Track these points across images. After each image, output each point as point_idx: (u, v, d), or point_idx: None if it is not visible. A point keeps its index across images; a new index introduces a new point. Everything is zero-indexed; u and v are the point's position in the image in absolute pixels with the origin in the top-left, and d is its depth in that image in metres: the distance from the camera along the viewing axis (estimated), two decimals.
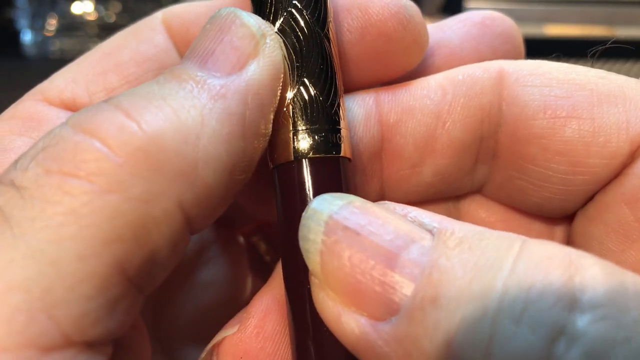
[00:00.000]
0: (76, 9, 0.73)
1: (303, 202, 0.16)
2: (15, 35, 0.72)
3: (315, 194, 0.16)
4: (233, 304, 0.21)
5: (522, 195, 0.18)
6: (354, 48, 0.17)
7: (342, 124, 0.17)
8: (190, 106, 0.13)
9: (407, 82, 0.18)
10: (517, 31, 0.20)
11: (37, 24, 0.72)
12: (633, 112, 0.16)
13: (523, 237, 0.12)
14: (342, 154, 0.16)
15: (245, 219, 0.23)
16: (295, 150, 0.16)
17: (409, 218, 0.13)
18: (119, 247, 0.11)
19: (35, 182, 0.11)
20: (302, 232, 0.13)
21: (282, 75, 0.16)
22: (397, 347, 0.11)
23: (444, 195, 0.19)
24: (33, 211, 0.11)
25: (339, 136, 0.16)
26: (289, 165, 0.16)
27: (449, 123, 0.17)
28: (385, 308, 0.12)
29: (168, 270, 0.14)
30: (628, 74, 0.18)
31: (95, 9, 0.74)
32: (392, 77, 0.18)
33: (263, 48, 0.15)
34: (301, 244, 0.13)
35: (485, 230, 0.12)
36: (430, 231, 0.13)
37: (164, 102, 0.12)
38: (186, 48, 0.18)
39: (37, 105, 0.17)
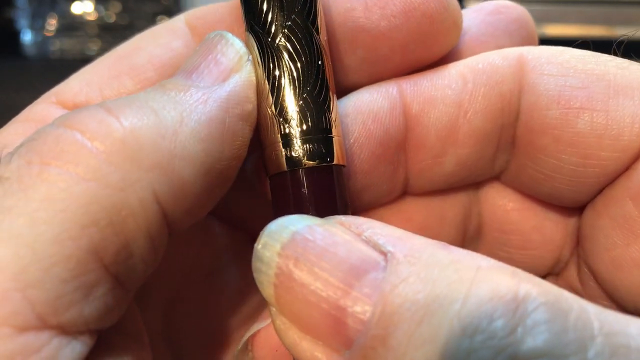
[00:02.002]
0: (76, 9, 0.73)
1: (296, 212, 0.15)
2: (15, 35, 0.72)
3: (309, 204, 0.16)
4: (248, 310, 0.21)
5: (534, 184, 0.19)
6: (399, 32, 0.18)
7: (335, 131, 0.17)
8: (171, 108, 0.14)
9: (428, 71, 0.18)
10: (530, 17, 0.21)
11: (37, 24, 0.72)
12: None
13: (477, 265, 0.12)
14: (335, 161, 0.17)
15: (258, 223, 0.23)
16: (287, 161, 0.16)
17: (364, 238, 0.13)
18: (95, 232, 0.12)
19: (16, 173, 0.12)
20: (255, 264, 0.13)
21: (267, 88, 0.16)
22: None
23: (465, 182, 0.19)
24: (12, 200, 0.11)
25: (332, 144, 0.17)
26: (281, 176, 0.17)
27: (470, 112, 0.17)
28: (339, 341, 0.12)
29: (150, 266, 0.14)
30: None
31: (95, 9, 0.74)
32: (433, 59, 0.19)
33: (246, 64, 0.16)
34: (255, 275, 0.13)
35: (441, 254, 0.12)
36: (385, 255, 0.12)
37: (146, 103, 0.13)
38: None
39: (50, 108, 0.17)
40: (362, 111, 0.18)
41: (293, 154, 0.16)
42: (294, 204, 0.16)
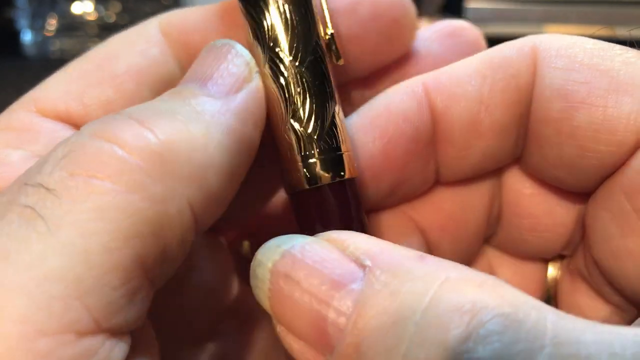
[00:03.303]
0: (76, 9, 0.74)
1: (313, 229, 0.17)
2: (15, 35, 0.72)
3: (324, 220, 0.18)
4: (221, 308, 0.22)
5: (542, 171, 0.20)
6: (370, 35, 0.19)
7: (344, 147, 0.18)
8: (196, 120, 0.14)
9: (448, 68, 0.19)
10: (483, 40, 0.22)
11: (37, 24, 0.72)
12: None
13: (445, 276, 0.13)
14: (346, 176, 0.18)
15: (227, 223, 0.23)
16: (302, 180, 0.18)
17: (348, 253, 0.14)
18: (139, 242, 0.12)
19: (61, 184, 0.12)
20: (252, 280, 0.15)
21: (279, 103, 0.17)
22: None
23: (489, 170, 0.20)
24: (62, 209, 0.12)
25: (342, 160, 0.18)
26: (297, 195, 0.18)
27: (490, 106, 0.18)
28: (324, 346, 0.13)
29: (175, 267, 0.15)
30: None
31: (95, 9, 0.74)
32: (396, 57, 0.21)
33: (255, 75, 0.17)
34: (253, 289, 0.15)
35: (416, 267, 0.13)
36: (364, 268, 0.13)
37: (173, 115, 0.14)
38: (186, 57, 0.18)
39: (31, 116, 0.17)
40: (393, 112, 0.19)
41: (307, 174, 0.18)
42: (310, 221, 0.18)
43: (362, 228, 0.18)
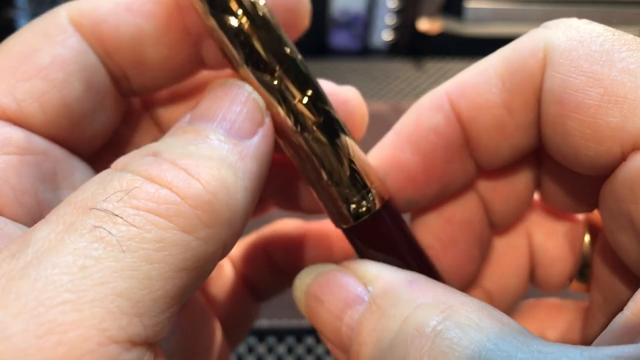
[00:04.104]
0: None
1: (366, 253, 0.20)
2: None
3: (375, 244, 0.20)
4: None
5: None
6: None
7: (368, 182, 0.19)
8: (227, 166, 0.16)
9: (470, 75, 0.20)
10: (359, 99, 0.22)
11: None
12: (629, 115, 0.16)
13: (418, 303, 0.16)
14: (379, 205, 0.19)
15: None
16: (341, 222, 0.20)
17: (358, 277, 0.18)
18: (186, 274, 0.14)
19: (126, 213, 0.14)
20: (294, 298, 0.20)
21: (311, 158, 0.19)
22: None
23: (526, 154, 0.21)
24: (130, 233, 0.14)
25: (372, 197, 0.19)
26: (344, 231, 0.20)
27: (512, 110, 0.19)
28: (342, 349, 0.18)
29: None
30: None
31: None
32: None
33: (267, 118, 0.18)
34: (296, 302, 0.20)
35: (403, 291, 0.17)
36: (368, 291, 0.17)
37: (209, 162, 0.15)
38: (101, 48, 0.18)
39: None
40: (424, 128, 0.20)
41: (346, 213, 0.19)
42: (364, 250, 0.20)
43: (406, 236, 0.20)
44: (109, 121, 0.19)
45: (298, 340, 0.44)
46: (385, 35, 0.80)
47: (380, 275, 0.18)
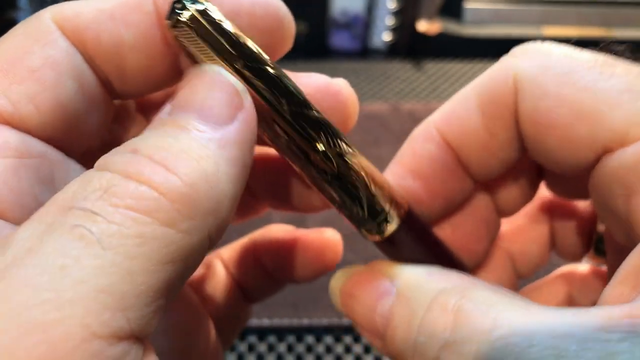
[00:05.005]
0: None
1: (398, 259, 0.22)
2: None
3: (406, 251, 0.22)
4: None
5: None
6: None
7: (387, 205, 0.20)
8: (207, 156, 0.16)
9: (451, 107, 0.22)
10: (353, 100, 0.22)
11: None
12: (595, 127, 0.19)
13: (439, 289, 0.18)
14: (400, 218, 0.21)
15: None
16: (371, 238, 0.21)
17: (385, 275, 0.21)
18: (170, 267, 0.15)
19: (105, 211, 0.14)
20: (331, 295, 0.23)
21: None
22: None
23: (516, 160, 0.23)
24: (110, 231, 0.14)
25: (390, 217, 0.20)
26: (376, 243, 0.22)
27: (494, 132, 0.21)
28: (377, 336, 0.21)
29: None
30: None
31: None
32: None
33: (245, 102, 0.17)
34: (333, 300, 0.23)
35: (424, 282, 0.19)
36: (394, 287, 0.20)
37: (188, 154, 0.15)
38: (85, 52, 0.18)
39: None
40: (419, 155, 0.23)
41: (375, 234, 0.21)
42: (400, 253, 0.22)
43: (430, 238, 0.23)
44: (101, 121, 0.20)
45: (298, 339, 0.44)
46: (384, 36, 0.81)
47: (403, 272, 0.21)
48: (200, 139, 0.16)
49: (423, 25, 0.79)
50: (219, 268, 0.28)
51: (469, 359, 0.16)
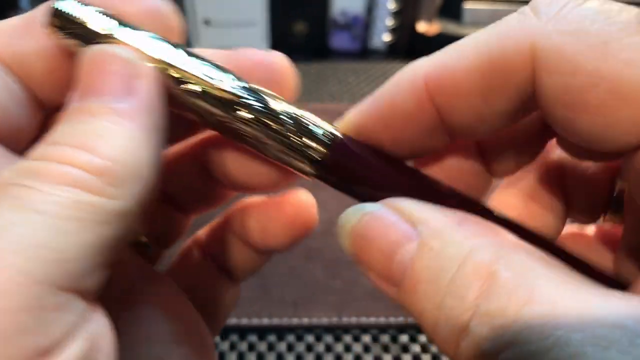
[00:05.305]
0: None
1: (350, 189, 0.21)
2: None
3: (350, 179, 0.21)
4: (164, 338, 0.24)
5: None
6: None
7: (324, 127, 0.20)
8: (121, 131, 0.17)
9: (448, 59, 0.19)
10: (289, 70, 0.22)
11: None
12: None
13: (472, 245, 0.17)
14: (340, 137, 0.20)
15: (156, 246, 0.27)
16: (313, 154, 0.20)
17: (405, 216, 0.18)
18: (103, 228, 0.16)
19: (38, 185, 0.15)
20: (339, 235, 0.20)
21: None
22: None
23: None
24: (44, 199, 0.15)
25: (330, 133, 0.20)
26: (317, 175, 0.21)
27: (490, 100, 0.19)
28: (392, 281, 0.18)
29: (122, 253, 0.18)
30: None
31: None
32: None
33: (140, 68, 0.18)
34: (341, 241, 0.20)
35: (454, 233, 0.17)
36: (417, 231, 0.18)
37: (101, 134, 0.17)
38: (5, 63, 0.19)
39: None
40: (397, 113, 0.20)
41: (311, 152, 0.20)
42: (349, 178, 0.21)
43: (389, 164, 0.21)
44: (32, 129, 0.21)
45: (298, 338, 0.44)
46: (384, 37, 0.81)
47: (429, 217, 0.18)
48: (107, 117, 0.17)
49: (422, 26, 0.79)
50: (195, 253, 0.28)
51: (503, 333, 0.15)
